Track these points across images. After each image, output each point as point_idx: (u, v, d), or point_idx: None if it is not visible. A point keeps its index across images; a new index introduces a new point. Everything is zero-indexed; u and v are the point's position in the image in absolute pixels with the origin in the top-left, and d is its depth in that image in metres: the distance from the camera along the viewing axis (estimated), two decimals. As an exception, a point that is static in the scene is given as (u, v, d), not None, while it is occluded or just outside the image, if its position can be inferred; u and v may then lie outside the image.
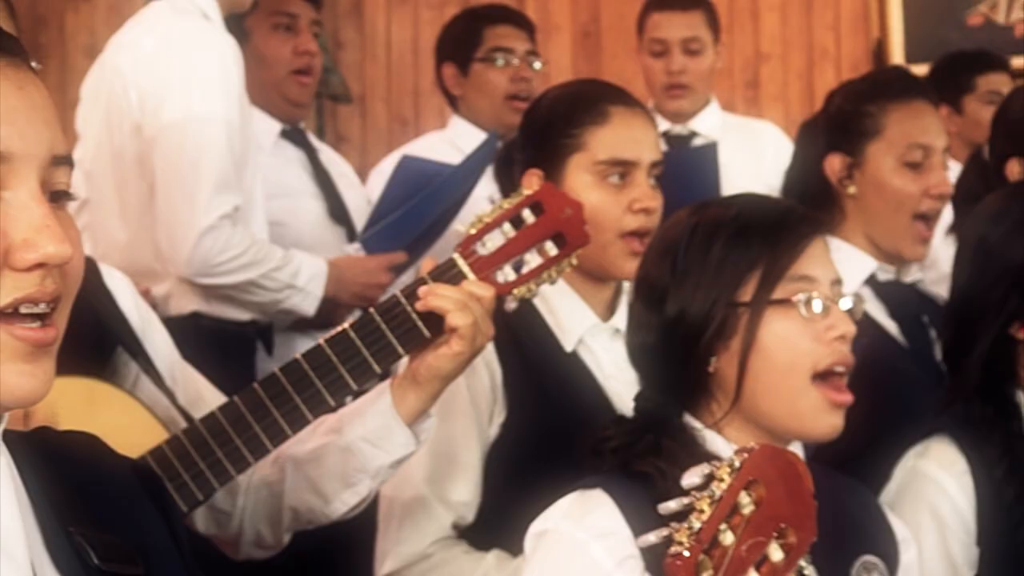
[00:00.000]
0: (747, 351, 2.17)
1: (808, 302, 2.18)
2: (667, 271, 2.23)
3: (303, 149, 4.26)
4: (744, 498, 1.47)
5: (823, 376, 2.18)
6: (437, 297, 2.31)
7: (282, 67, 4.18)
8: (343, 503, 2.43)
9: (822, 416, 2.18)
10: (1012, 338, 2.61)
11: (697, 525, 1.46)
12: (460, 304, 2.30)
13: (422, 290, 2.33)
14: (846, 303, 2.23)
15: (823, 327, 2.18)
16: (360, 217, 4.14)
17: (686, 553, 1.44)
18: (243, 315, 3.65)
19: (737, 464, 1.48)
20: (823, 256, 2.25)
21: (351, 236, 4.04)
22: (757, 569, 1.46)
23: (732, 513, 1.47)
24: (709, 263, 2.19)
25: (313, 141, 4.41)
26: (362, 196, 4.31)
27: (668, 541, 1.50)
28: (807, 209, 2.41)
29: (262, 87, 4.16)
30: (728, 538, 1.46)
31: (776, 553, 1.48)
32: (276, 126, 4.20)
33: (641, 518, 2.05)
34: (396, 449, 2.38)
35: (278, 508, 2.46)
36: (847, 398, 2.19)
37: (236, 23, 4.06)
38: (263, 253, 3.54)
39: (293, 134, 4.25)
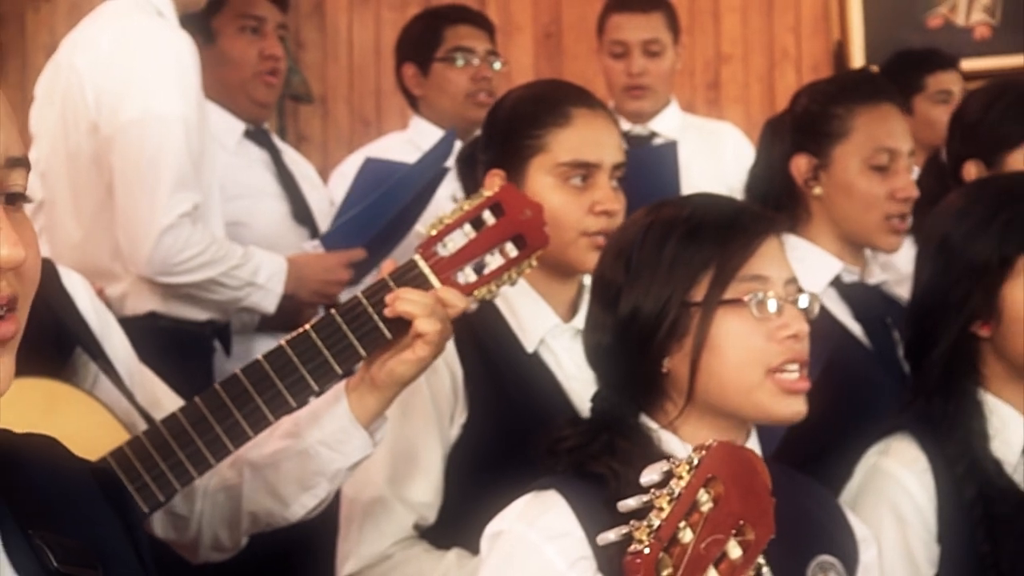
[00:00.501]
0: (699, 350, 2.18)
1: (760, 301, 2.19)
2: (621, 271, 2.24)
3: (267, 150, 4.26)
4: (703, 495, 1.47)
5: (776, 372, 2.19)
6: (405, 302, 2.32)
7: (248, 69, 4.18)
8: (302, 506, 2.43)
9: (782, 402, 2.19)
10: (974, 336, 2.62)
11: (656, 523, 1.46)
12: (428, 309, 2.31)
13: (390, 296, 2.34)
14: (801, 302, 2.24)
15: (776, 326, 2.19)
16: (323, 218, 4.14)
17: (646, 551, 1.44)
18: (201, 315, 3.64)
19: (696, 461, 1.49)
20: (777, 255, 2.25)
21: (314, 237, 4.03)
22: (716, 566, 1.47)
23: (691, 511, 1.47)
24: (662, 262, 2.20)
25: (276, 142, 4.40)
26: (325, 197, 4.32)
27: (627, 539, 1.50)
28: (761, 209, 2.42)
29: (227, 87, 4.16)
30: (687, 536, 1.46)
31: (735, 550, 1.48)
32: (240, 126, 4.20)
33: (595, 519, 2.06)
34: (353, 452, 2.39)
35: (236, 512, 2.46)
36: (805, 384, 2.20)
37: (202, 23, 4.07)
38: (223, 251, 3.54)
39: (257, 134, 4.25)
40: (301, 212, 4.16)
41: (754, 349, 2.18)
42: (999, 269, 2.58)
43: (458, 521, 2.59)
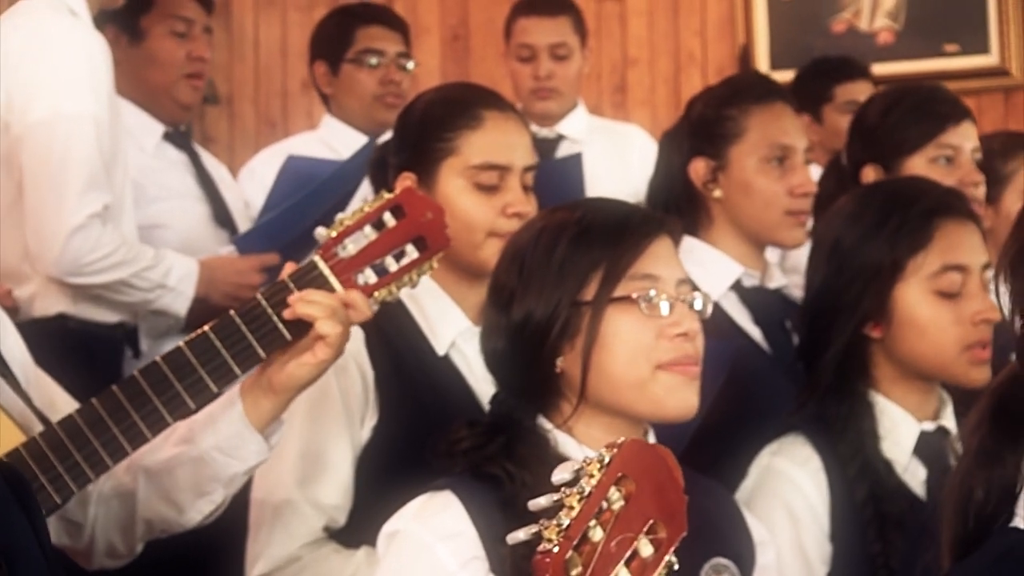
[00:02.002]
0: (590, 349, 2.20)
1: (650, 299, 2.21)
2: (515, 275, 2.26)
3: (186, 152, 4.24)
4: (614, 493, 1.47)
5: (666, 365, 2.21)
6: (307, 304, 2.31)
7: (175, 70, 4.17)
8: (197, 512, 2.42)
9: (676, 393, 2.22)
10: (865, 337, 2.67)
11: (566, 521, 1.46)
12: (330, 311, 2.30)
13: (292, 298, 2.33)
14: (695, 303, 2.26)
15: (666, 324, 2.21)
16: (240, 220, 4.13)
17: (555, 550, 1.44)
18: (111, 317, 3.62)
19: (607, 459, 1.49)
20: (668, 255, 2.28)
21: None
22: (627, 565, 1.47)
23: (602, 509, 1.47)
24: (552, 264, 2.22)
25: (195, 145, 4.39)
26: (240, 198, 4.30)
27: (536, 539, 1.50)
28: (652, 211, 2.44)
29: (151, 88, 4.16)
30: (597, 534, 1.46)
31: (646, 548, 1.48)
32: (159, 128, 4.18)
33: (489, 520, 2.09)
34: (249, 457, 2.38)
35: (131, 518, 2.44)
36: (696, 369, 2.23)
37: (129, 22, 4.05)
38: (133, 252, 3.51)
39: (176, 137, 4.24)
40: (221, 214, 4.15)
41: (643, 346, 2.21)
42: (890, 272, 2.63)
43: (368, 523, 2.56)
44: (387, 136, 3.08)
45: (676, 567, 1.50)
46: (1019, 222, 1.63)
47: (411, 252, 2.39)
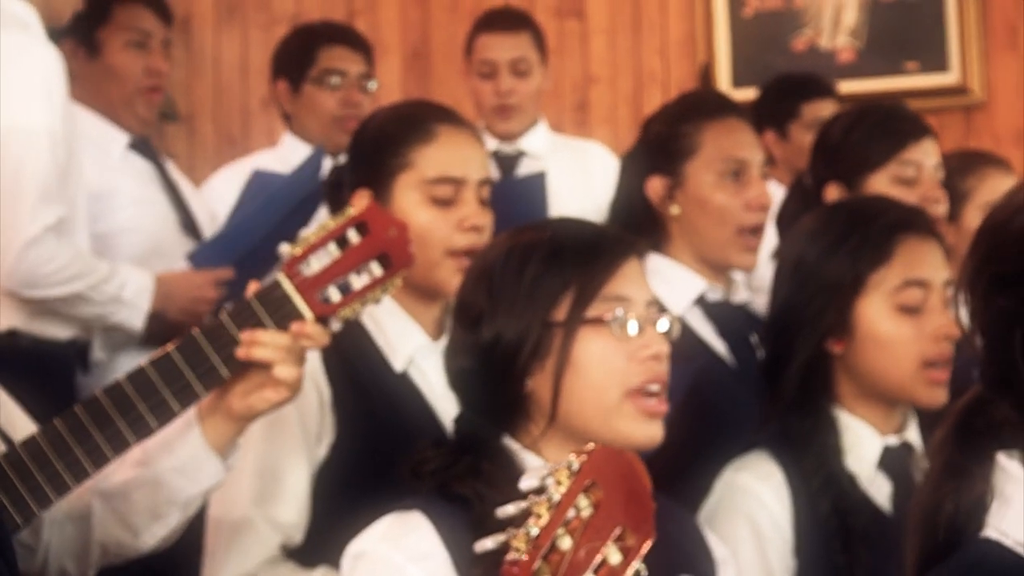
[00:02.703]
0: (561, 370, 2.19)
1: (621, 321, 2.20)
2: (483, 294, 2.25)
3: (151, 161, 4.23)
4: (582, 501, 1.47)
5: (635, 393, 2.20)
6: (261, 348, 2.30)
7: (132, 84, 4.18)
8: (153, 536, 2.40)
9: (639, 426, 2.20)
10: (828, 353, 2.68)
11: (535, 530, 1.46)
12: (283, 354, 2.30)
13: (244, 337, 2.31)
14: (662, 323, 2.25)
15: (637, 346, 2.21)
16: (208, 230, 4.12)
17: (523, 559, 1.43)
18: (64, 333, 3.60)
19: (575, 467, 1.48)
20: (638, 276, 2.27)
21: (201, 249, 4.01)
22: (595, 572, 1.46)
23: (570, 517, 1.46)
24: (523, 285, 2.21)
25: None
26: (205, 210, 4.28)
27: (504, 548, 1.49)
28: (622, 231, 2.44)
29: (109, 101, 4.16)
30: (566, 542, 1.45)
31: (614, 556, 1.48)
32: (124, 138, 4.18)
33: (459, 541, 2.07)
34: (206, 479, 2.37)
35: (86, 543, 2.41)
36: (662, 408, 2.22)
37: (87, 34, 4.04)
38: (88, 266, 3.50)
39: (141, 146, 4.23)
40: (188, 223, 4.15)
41: (614, 369, 2.20)
42: (852, 287, 2.64)
43: (325, 541, 2.57)
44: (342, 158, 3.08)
45: (644, 575, 1.50)
46: (977, 240, 1.63)
47: (375, 269, 2.39)
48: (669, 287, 3.03)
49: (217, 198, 4.41)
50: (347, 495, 2.59)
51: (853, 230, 2.67)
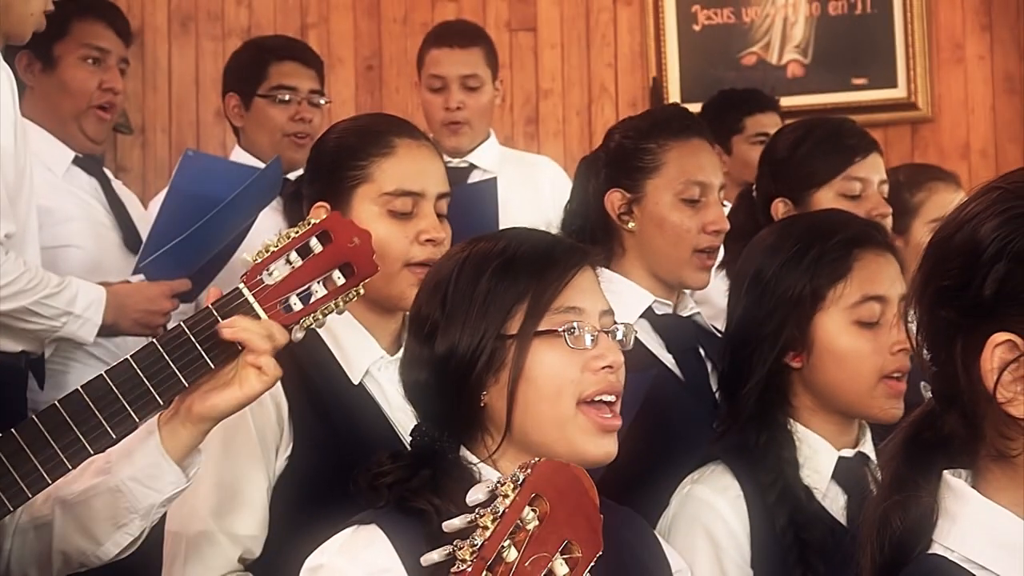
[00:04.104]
0: (515, 383, 2.18)
1: (574, 332, 2.20)
2: (437, 306, 2.24)
3: (96, 177, 4.21)
4: (528, 513, 1.46)
5: (589, 403, 2.20)
6: (244, 331, 2.29)
7: (85, 100, 4.15)
8: (115, 544, 2.38)
9: (593, 440, 2.20)
10: (786, 367, 2.68)
11: (480, 541, 1.46)
12: (264, 338, 2.29)
13: (220, 324, 2.30)
14: (616, 333, 2.26)
15: (591, 356, 2.20)
16: (152, 246, 4.11)
17: (469, 569, 1.44)
18: (14, 346, 3.56)
19: (521, 479, 1.49)
20: (591, 287, 2.27)
21: (146, 265, 3.99)
22: (542, 584, 1.47)
23: (516, 529, 1.47)
24: (477, 297, 2.20)
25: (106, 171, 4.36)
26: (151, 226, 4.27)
27: (451, 560, 1.50)
28: (575, 242, 2.43)
29: (60, 117, 4.14)
30: (511, 554, 1.45)
31: (561, 568, 1.48)
32: (69, 154, 4.16)
33: (415, 554, 2.02)
34: (166, 488, 2.35)
35: (47, 551, 2.40)
36: (615, 422, 2.22)
37: (43, 48, 4.02)
38: (37, 279, 3.47)
39: (86, 162, 4.20)
40: (131, 240, 4.12)
41: (568, 380, 2.19)
42: (810, 302, 2.65)
43: (284, 553, 2.55)
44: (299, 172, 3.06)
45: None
46: (924, 254, 1.65)
47: (337, 278, 2.38)
48: (617, 299, 3.03)
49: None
50: (305, 507, 2.58)
51: (812, 245, 2.68)
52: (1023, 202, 1.54)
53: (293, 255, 2.36)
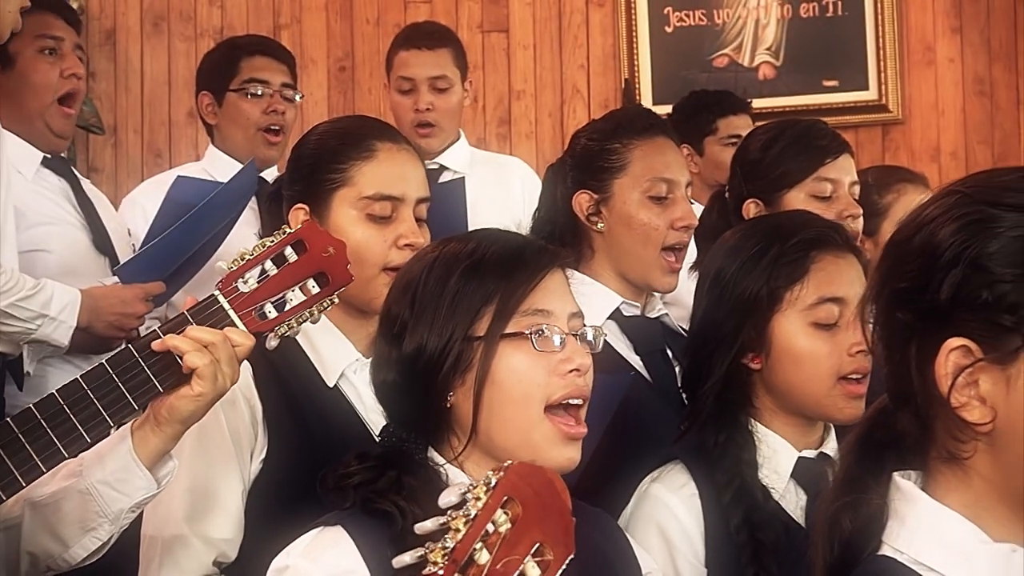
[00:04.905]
0: (481, 385, 2.17)
1: (542, 335, 2.19)
2: (406, 306, 2.23)
3: (66, 179, 4.20)
4: (500, 516, 1.46)
5: (557, 408, 2.20)
6: (173, 338, 2.29)
7: (50, 92, 4.13)
8: (83, 548, 2.38)
9: (556, 448, 2.19)
10: (746, 368, 2.69)
11: (451, 544, 1.46)
12: (195, 345, 2.28)
13: (162, 332, 2.30)
14: (585, 336, 2.26)
15: (558, 360, 2.20)
16: (121, 248, 4.10)
17: (440, 572, 1.44)
18: (-11, 349, 3.57)
19: (493, 482, 1.49)
20: (560, 289, 2.27)
21: (114, 266, 3.97)
22: (514, 587, 1.47)
23: (488, 532, 1.46)
24: (445, 297, 2.20)
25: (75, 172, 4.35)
26: (122, 227, 4.27)
27: (422, 562, 1.50)
28: (545, 243, 2.43)
29: (26, 116, 4.11)
30: (483, 557, 1.45)
31: (533, 570, 1.48)
32: (38, 154, 4.14)
33: (380, 556, 2.05)
34: (135, 492, 2.35)
35: (15, 553, 2.39)
36: (581, 430, 2.21)
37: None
38: (12, 282, 3.46)
39: (55, 163, 4.19)
40: (102, 241, 4.11)
41: (535, 383, 2.19)
42: (768, 303, 2.65)
43: (259, 557, 2.50)
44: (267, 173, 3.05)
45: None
46: (882, 256, 1.66)
47: (312, 287, 2.38)
48: (585, 301, 3.03)
49: (138, 211, 4.41)
50: (280, 510, 2.57)
51: (770, 247, 2.68)
52: (981, 207, 1.55)
53: (268, 264, 2.36)
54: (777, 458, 2.66)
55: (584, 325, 2.27)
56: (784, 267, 2.66)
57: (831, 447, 2.71)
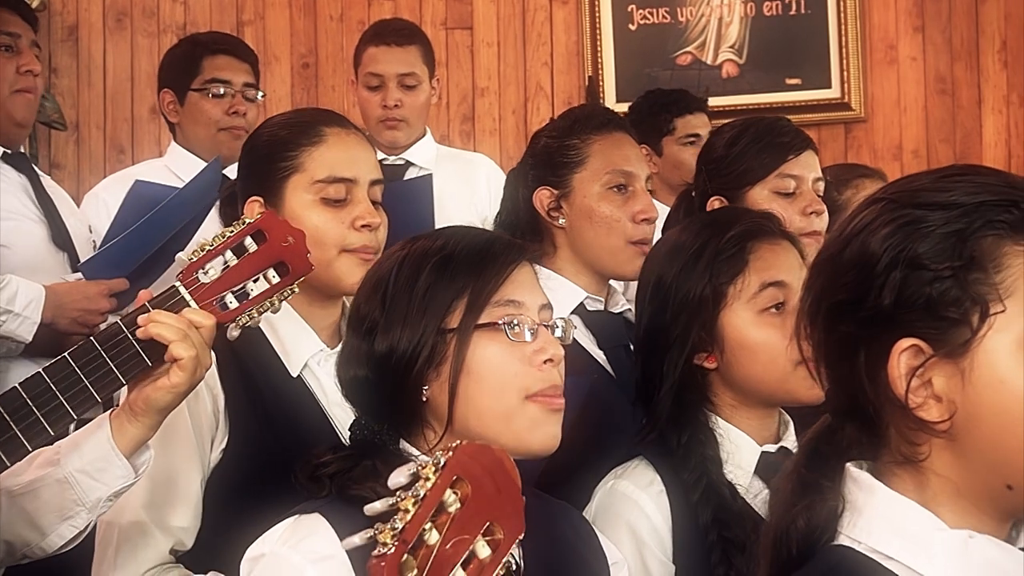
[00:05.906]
0: (456, 376, 2.19)
1: (515, 325, 2.21)
2: (377, 304, 2.25)
3: (25, 174, 4.18)
4: (449, 496, 1.47)
5: (535, 396, 2.21)
6: (158, 325, 2.29)
7: (6, 87, 4.10)
8: (60, 536, 2.38)
9: (539, 427, 2.21)
10: (700, 368, 2.69)
11: (400, 525, 1.46)
12: (182, 334, 2.29)
13: (142, 318, 2.30)
14: (556, 329, 2.28)
15: (531, 351, 2.22)
16: (81, 244, 4.08)
17: (390, 552, 1.44)
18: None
19: (442, 462, 1.49)
20: (530, 282, 2.29)
21: (74, 262, 3.97)
22: (464, 567, 1.47)
23: (438, 512, 1.47)
24: (416, 293, 2.21)
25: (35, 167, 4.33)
26: (83, 223, 4.25)
27: (373, 543, 1.50)
28: (512, 238, 2.44)
29: None
30: (433, 537, 1.45)
31: (483, 550, 1.48)
32: None
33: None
34: (114, 481, 2.35)
35: None
36: (560, 402, 2.23)
37: None
38: None
39: (15, 158, 4.17)
40: (61, 237, 4.09)
41: (511, 374, 2.20)
42: (713, 301, 2.66)
43: (216, 545, 2.56)
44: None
45: (517, 566, 1.51)
46: (812, 273, 1.68)
47: (272, 277, 2.39)
48: (549, 295, 3.04)
49: (100, 207, 4.39)
50: (239, 499, 2.58)
51: (706, 246, 2.69)
52: (910, 210, 1.57)
53: (228, 254, 2.37)
54: (740, 454, 2.67)
55: (553, 317, 2.29)
56: (724, 263, 2.67)
57: (790, 441, 2.72)
